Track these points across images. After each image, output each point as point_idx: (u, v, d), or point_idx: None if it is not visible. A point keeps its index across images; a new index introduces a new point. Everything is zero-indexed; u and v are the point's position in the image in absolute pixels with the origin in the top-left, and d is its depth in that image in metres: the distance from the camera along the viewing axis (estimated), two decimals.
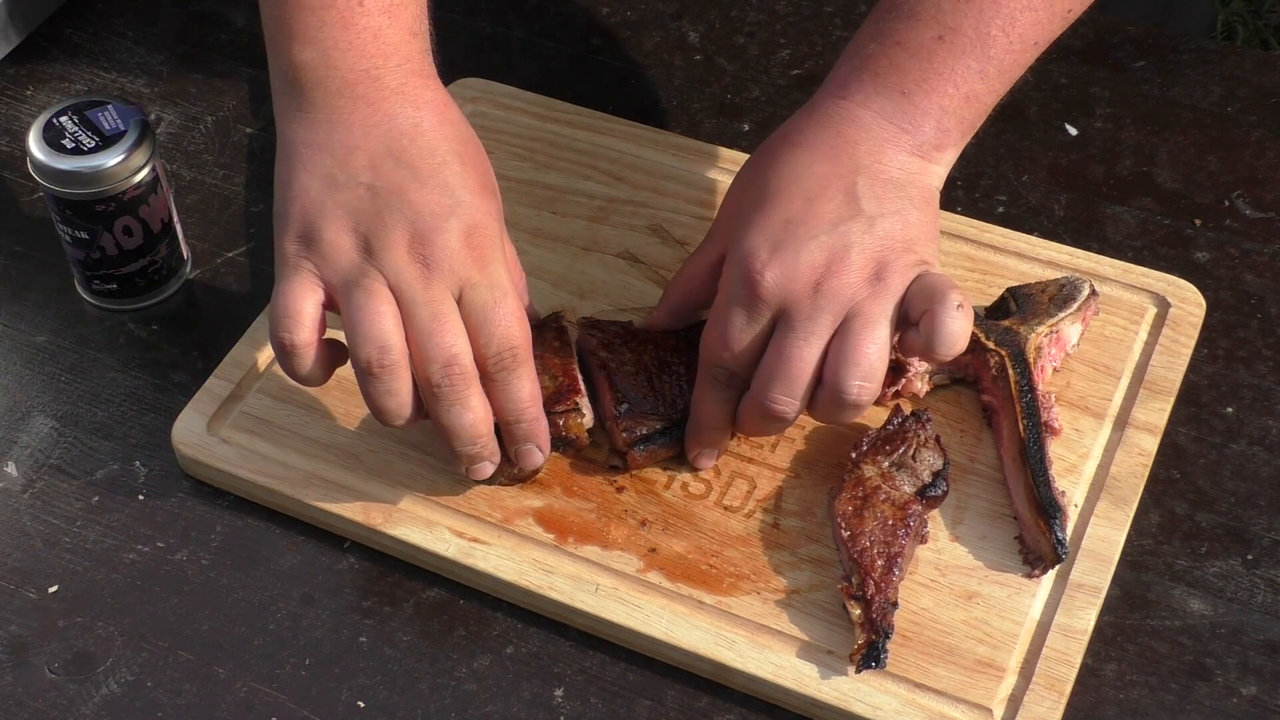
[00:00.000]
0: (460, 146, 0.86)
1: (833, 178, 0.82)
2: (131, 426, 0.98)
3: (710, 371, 0.86)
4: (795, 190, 0.82)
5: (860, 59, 0.84)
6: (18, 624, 0.90)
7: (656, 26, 1.23)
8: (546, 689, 0.86)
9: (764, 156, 0.87)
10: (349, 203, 0.83)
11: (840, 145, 0.83)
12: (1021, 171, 1.11)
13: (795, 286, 0.81)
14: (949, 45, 0.83)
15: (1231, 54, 1.19)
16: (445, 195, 0.83)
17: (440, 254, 0.82)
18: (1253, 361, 1.00)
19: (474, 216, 0.83)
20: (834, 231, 0.81)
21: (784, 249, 0.81)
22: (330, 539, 0.93)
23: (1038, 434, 0.89)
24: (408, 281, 0.82)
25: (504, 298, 0.83)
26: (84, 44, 1.22)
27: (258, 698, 0.86)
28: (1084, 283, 0.96)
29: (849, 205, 0.82)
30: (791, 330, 0.81)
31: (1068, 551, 0.86)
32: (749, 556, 0.89)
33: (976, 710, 0.83)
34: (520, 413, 0.85)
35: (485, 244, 0.83)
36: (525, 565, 0.89)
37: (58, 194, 0.98)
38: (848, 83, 0.84)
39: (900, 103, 0.83)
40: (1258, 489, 0.94)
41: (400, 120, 0.85)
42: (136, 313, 1.05)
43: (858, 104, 0.84)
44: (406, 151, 0.84)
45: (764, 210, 0.83)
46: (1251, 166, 1.11)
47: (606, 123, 1.12)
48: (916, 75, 0.83)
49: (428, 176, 0.83)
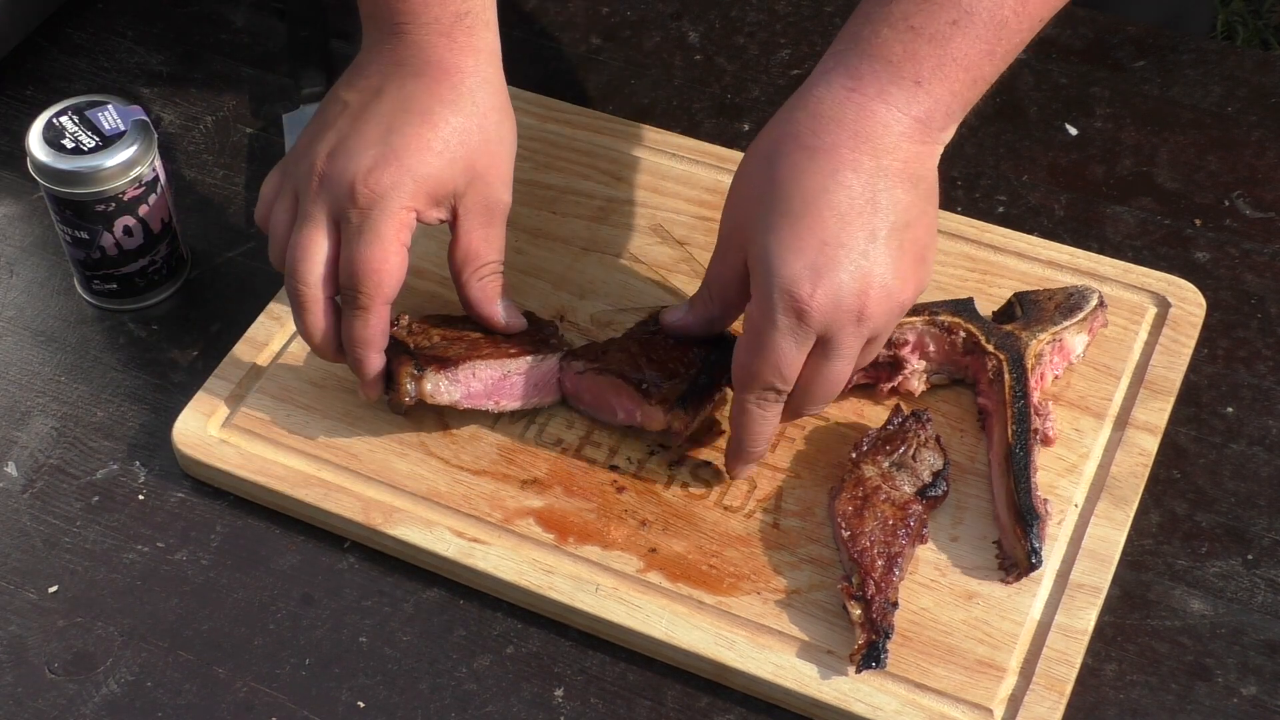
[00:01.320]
0: (443, 109, 0.89)
1: (858, 188, 0.82)
2: (131, 426, 0.98)
3: (760, 395, 0.86)
4: (825, 206, 0.82)
5: (872, 45, 0.82)
6: (18, 624, 0.90)
7: (656, 26, 1.23)
8: (546, 689, 0.86)
9: (780, 159, 0.84)
10: (324, 110, 0.92)
11: (860, 146, 0.82)
12: (1021, 171, 1.11)
13: (841, 315, 0.82)
14: (964, 30, 0.81)
15: (1231, 54, 1.19)
16: (380, 138, 0.88)
17: (333, 177, 0.88)
18: (1253, 361, 1.00)
19: (389, 165, 0.88)
20: (868, 256, 0.82)
21: (826, 276, 0.81)
22: (330, 539, 0.93)
23: (1025, 440, 0.89)
24: (300, 188, 0.90)
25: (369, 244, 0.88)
26: (84, 44, 1.22)
27: (258, 698, 0.86)
28: (1093, 293, 0.96)
29: (877, 218, 0.82)
30: (838, 355, 0.84)
31: (1041, 560, 0.86)
32: (749, 556, 0.89)
33: (976, 710, 0.83)
34: (349, 345, 0.91)
35: (380, 191, 0.87)
36: (525, 565, 0.89)
37: (58, 194, 0.98)
38: (859, 72, 0.82)
39: (915, 93, 0.82)
40: (1258, 489, 0.94)
41: (403, 70, 0.90)
42: (136, 313, 1.05)
43: (871, 97, 0.82)
44: (386, 92, 0.90)
45: (795, 229, 0.82)
46: (1251, 166, 1.11)
47: (606, 123, 1.12)
48: (932, 64, 0.82)
49: (382, 117, 0.89)
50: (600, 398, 0.93)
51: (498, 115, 0.92)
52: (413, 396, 0.90)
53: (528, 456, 0.94)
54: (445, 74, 0.90)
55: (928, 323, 0.94)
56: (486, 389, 0.92)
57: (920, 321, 0.94)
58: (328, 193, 0.88)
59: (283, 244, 0.91)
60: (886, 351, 0.94)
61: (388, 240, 0.88)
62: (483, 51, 0.92)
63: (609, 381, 0.92)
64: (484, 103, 0.91)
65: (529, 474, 0.93)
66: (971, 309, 0.95)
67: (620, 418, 0.92)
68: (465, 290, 0.93)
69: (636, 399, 0.91)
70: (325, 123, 0.91)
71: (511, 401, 0.93)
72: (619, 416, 0.93)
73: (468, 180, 0.90)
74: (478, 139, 0.90)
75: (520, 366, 0.92)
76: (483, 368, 0.92)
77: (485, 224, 0.92)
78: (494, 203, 0.92)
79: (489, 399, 0.92)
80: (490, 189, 0.91)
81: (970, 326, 0.94)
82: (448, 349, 0.92)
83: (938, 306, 0.95)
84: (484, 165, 0.91)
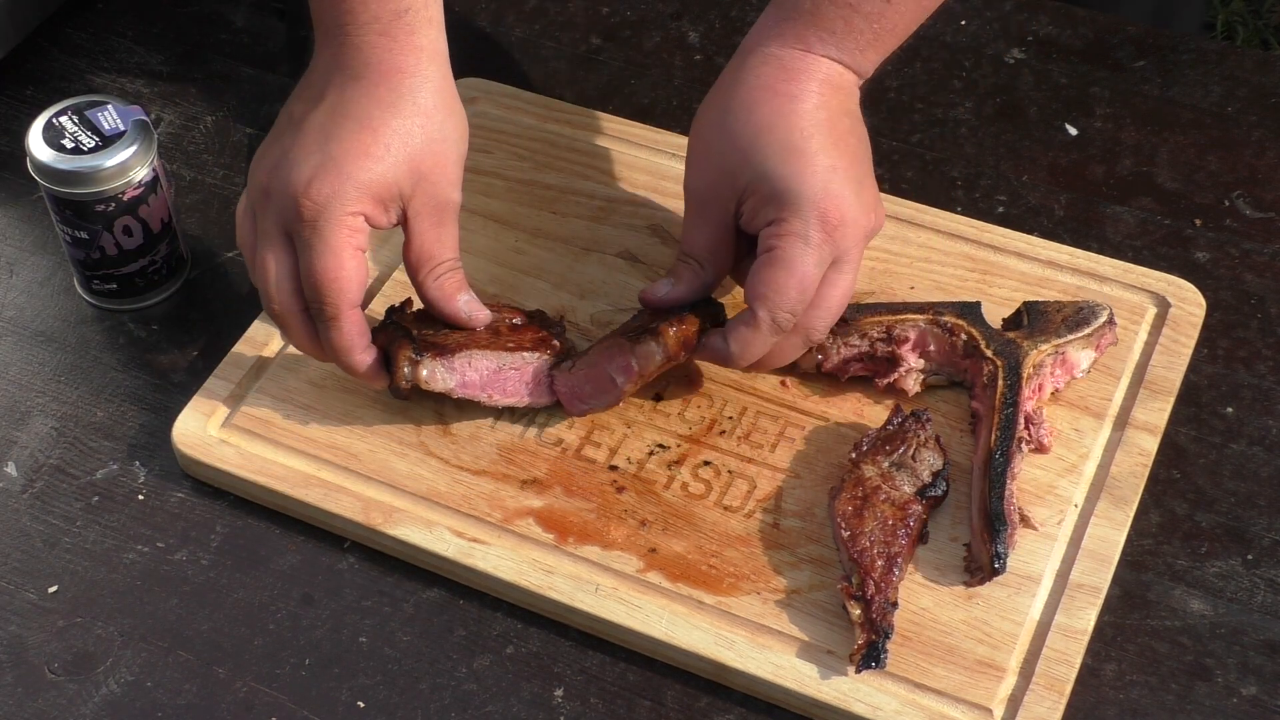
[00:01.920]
0: (381, 112, 0.89)
1: (834, 122, 0.91)
2: (131, 426, 0.98)
3: (777, 317, 0.88)
4: (817, 137, 0.89)
5: (815, 17, 0.91)
6: (18, 624, 0.90)
7: (656, 26, 1.23)
8: (546, 689, 0.86)
9: (758, 107, 0.90)
10: (276, 124, 0.93)
11: (823, 91, 0.91)
12: (1021, 171, 1.11)
13: (857, 231, 0.89)
14: (896, 6, 0.91)
15: (1231, 54, 1.19)
16: (319, 147, 0.88)
17: (278, 192, 0.89)
18: (1253, 361, 1.00)
19: (328, 174, 0.88)
20: (861, 180, 0.90)
21: (840, 196, 0.88)
22: (330, 539, 0.93)
23: (1007, 447, 0.89)
24: (255, 206, 0.91)
25: (321, 255, 0.88)
26: (84, 44, 1.22)
27: (258, 698, 0.86)
28: (1103, 310, 0.95)
29: (857, 146, 0.92)
30: (850, 269, 0.90)
31: (1005, 567, 0.86)
32: (749, 556, 0.89)
33: (976, 710, 0.83)
34: (332, 353, 0.91)
35: (322, 201, 0.87)
36: (525, 565, 0.89)
37: (58, 194, 0.98)
38: (807, 39, 0.91)
39: (855, 56, 0.92)
40: (1258, 489, 0.94)
41: (343, 74, 0.90)
42: (136, 313, 1.05)
43: (820, 56, 0.91)
44: (325, 100, 0.90)
45: (802, 158, 0.88)
46: (1251, 166, 1.11)
47: (606, 123, 1.12)
48: (869, 36, 0.91)
49: (321, 126, 0.89)
50: (597, 378, 0.93)
51: (442, 115, 0.91)
52: (409, 381, 0.90)
53: (527, 456, 0.94)
54: (384, 76, 0.90)
55: (931, 322, 0.94)
56: (482, 380, 0.92)
57: (923, 320, 0.94)
58: (275, 208, 0.89)
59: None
60: (886, 346, 0.94)
61: (339, 249, 0.88)
62: (424, 50, 0.91)
63: (598, 355, 0.92)
64: (426, 102, 0.90)
65: (529, 474, 0.93)
66: (977, 313, 0.95)
67: (621, 383, 0.92)
68: (423, 291, 0.93)
69: (627, 349, 0.91)
70: (275, 136, 0.92)
71: (504, 397, 0.93)
72: (619, 382, 0.92)
73: (413, 182, 0.90)
74: (420, 140, 0.90)
75: (516, 361, 0.92)
76: (479, 358, 0.92)
77: (436, 224, 0.92)
78: (443, 202, 0.92)
79: (483, 390, 0.92)
80: (437, 189, 0.91)
81: (972, 330, 0.94)
82: (448, 337, 0.92)
83: (943, 307, 0.95)
84: (429, 166, 0.90)
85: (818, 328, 0.90)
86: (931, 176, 1.11)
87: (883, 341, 0.94)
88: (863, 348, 0.95)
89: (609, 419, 0.95)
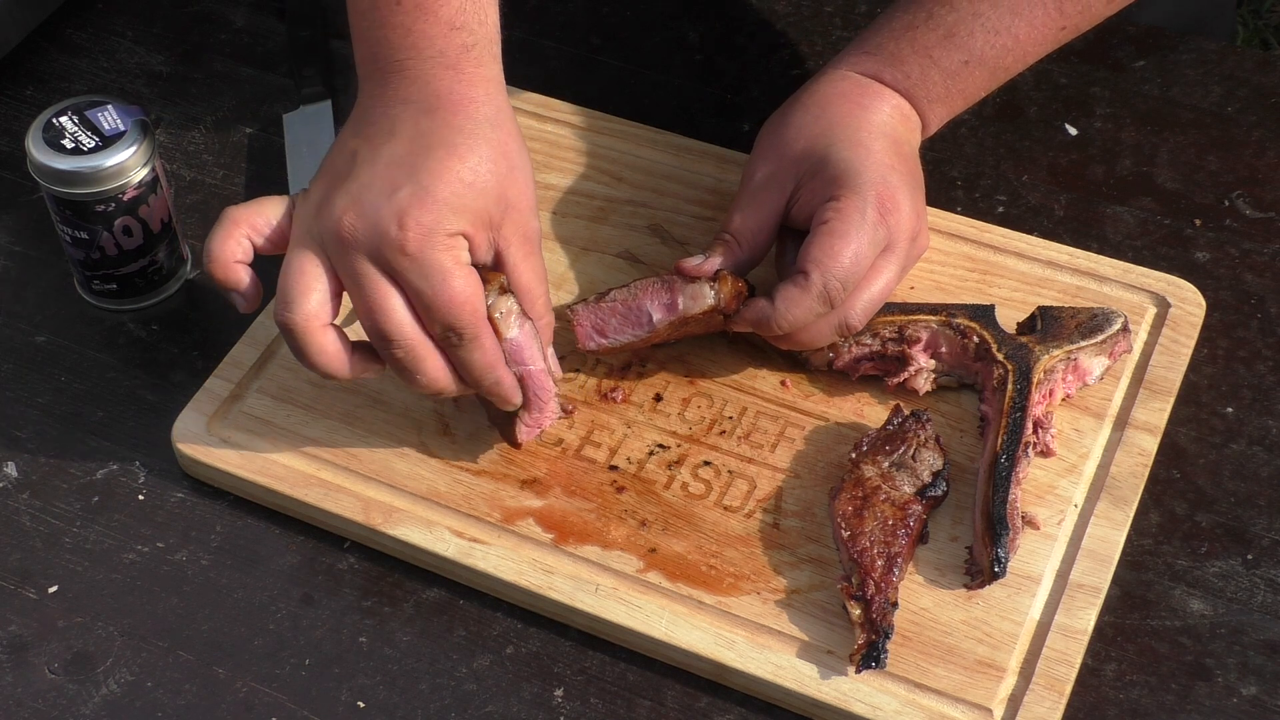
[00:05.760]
0: (465, 140, 0.86)
1: (901, 144, 0.96)
2: (131, 426, 0.98)
3: (829, 284, 0.89)
4: (879, 140, 0.94)
5: (894, 61, 0.97)
6: (18, 624, 0.90)
7: (656, 26, 1.23)
8: (546, 689, 0.86)
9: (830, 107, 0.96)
10: (331, 162, 0.88)
11: (897, 119, 0.97)
12: (1021, 171, 1.11)
13: (909, 225, 0.92)
14: (972, 70, 0.97)
15: (1231, 54, 1.19)
16: (407, 178, 0.84)
17: (366, 231, 0.84)
18: (1253, 361, 1.00)
19: (424, 203, 0.84)
20: (915, 188, 0.95)
21: (901, 192, 0.92)
22: (330, 539, 0.93)
23: (1013, 452, 0.89)
24: (332, 254, 0.85)
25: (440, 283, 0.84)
26: (84, 44, 1.22)
27: (258, 698, 0.86)
28: (1118, 317, 0.95)
29: (914, 169, 0.96)
30: (895, 261, 0.92)
31: (1005, 571, 0.86)
32: (749, 556, 0.89)
33: (976, 710, 0.83)
34: (480, 376, 0.87)
35: (424, 231, 0.84)
36: (525, 565, 0.89)
37: (58, 194, 0.98)
38: (882, 76, 0.97)
39: (924, 106, 0.98)
40: (1258, 489, 0.94)
41: (412, 108, 0.87)
42: (136, 313, 1.05)
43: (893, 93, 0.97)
44: (400, 133, 0.86)
45: (867, 151, 0.93)
46: (1251, 166, 1.11)
47: (606, 123, 1.12)
48: (940, 90, 0.98)
49: (402, 158, 0.85)
50: (632, 310, 0.91)
51: (516, 144, 0.89)
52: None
53: (527, 456, 0.94)
54: (459, 106, 0.87)
55: (943, 323, 0.94)
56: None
57: (936, 322, 0.94)
58: (366, 247, 0.84)
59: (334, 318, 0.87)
60: (897, 346, 0.94)
61: (453, 271, 0.84)
62: (491, 81, 0.89)
63: (640, 288, 0.92)
64: (503, 132, 0.88)
65: (529, 474, 0.93)
66: (990, 316, 0.95)
67: (657, 320, 0.91)
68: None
69: (676, 286, 0.91)
70: (334, 178, 0.86)
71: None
72: (655, 319, 0.91)
73: (502, 210, 0.87)
74: (505, 168, 0.87)
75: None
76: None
77: (529, 254, 0.89)
78: (531, 231, 0.89)
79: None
80: (524, 217, 0.88)
81: (985, 333, 0.94)
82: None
83: (957, 309, 0.95)
84: (514, 194, 0.88)
85: (857, 312, 0.91)
86: (931, 176, 1.10)
87: (894, 341, 0.94)
88: (874, 346, 0.95)
89: (609, 419, 0.95)
